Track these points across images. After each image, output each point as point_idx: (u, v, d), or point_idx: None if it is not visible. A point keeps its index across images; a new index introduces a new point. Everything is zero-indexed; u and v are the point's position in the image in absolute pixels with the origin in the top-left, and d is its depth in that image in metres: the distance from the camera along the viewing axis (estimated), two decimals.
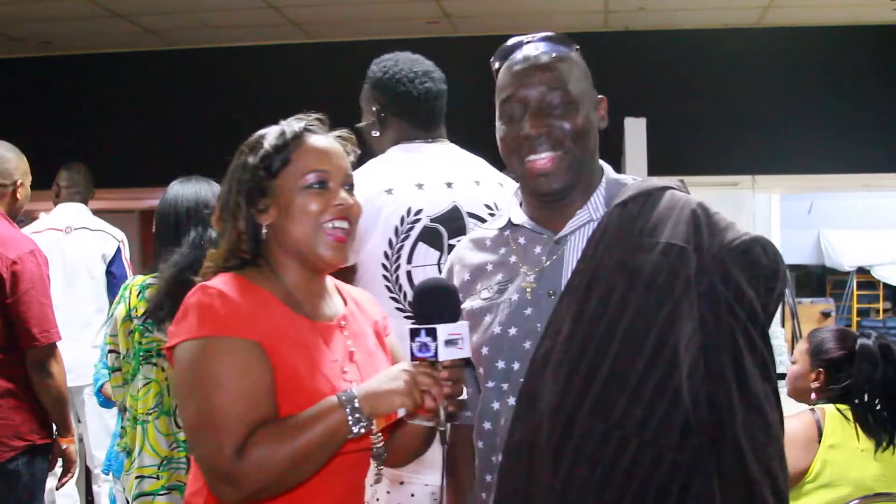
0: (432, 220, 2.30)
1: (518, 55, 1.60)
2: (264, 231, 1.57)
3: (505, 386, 1.58)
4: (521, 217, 1.66)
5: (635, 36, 5.91)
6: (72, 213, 4.45)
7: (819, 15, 5.64)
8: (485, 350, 1.61)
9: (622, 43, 5.79)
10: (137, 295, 2.58)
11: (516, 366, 1.56)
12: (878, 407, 2.73)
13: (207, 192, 2.59)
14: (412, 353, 1.50)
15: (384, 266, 2.30)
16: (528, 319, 1.57)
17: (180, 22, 5.79)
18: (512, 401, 1.55)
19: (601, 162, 1.67)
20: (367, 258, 2.28)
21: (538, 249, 1.62)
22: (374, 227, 2.26)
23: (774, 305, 1.54)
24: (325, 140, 1.61)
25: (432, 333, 1.47)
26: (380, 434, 1.56)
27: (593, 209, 1.60)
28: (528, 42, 1.61)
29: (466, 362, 1.57)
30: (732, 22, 5.78)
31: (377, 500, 2.28)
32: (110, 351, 2.67)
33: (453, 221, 2.31)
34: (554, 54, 1.58)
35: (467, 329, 1.52)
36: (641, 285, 1.48)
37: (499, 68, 1.63)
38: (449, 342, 1.48)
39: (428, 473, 2.26)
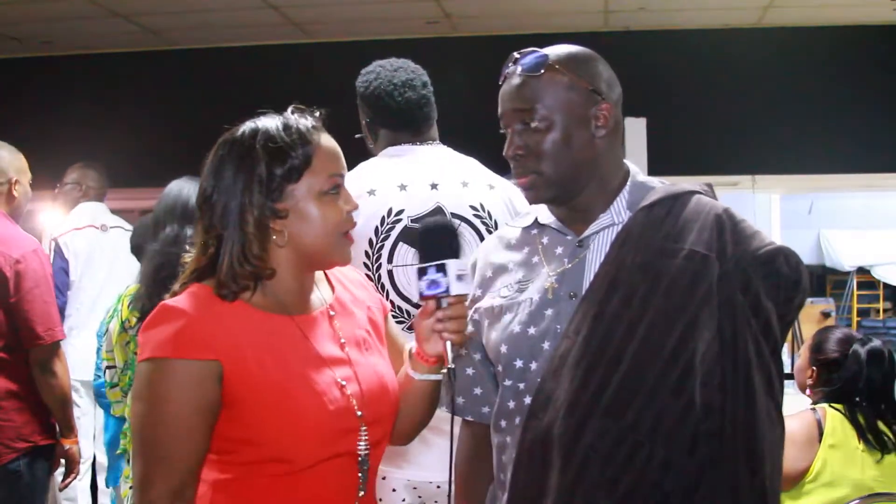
0: (413, 221, 2.31)
1: (504, 72, 1.62)
2: (276, 237, 1.49)
3: (521, 385, 1.59)
4: (547, 217, 1.67)
5: (635, 36, 5.91)
6: (100, 211, 4.49)
7: (819, 15, 5.63)
8: (503, 348, 1.61)
9: (622, 43, 5.79)
10: (129, 305, 2.57)
11: (534, 366, 1.57)
12: (865, 410, 2.75)
13: (190, 191, 2.53)
14: (421, 293, 1.52)
15: (366, 265, 2.32)
16: (547, 320, 1.57)
17: (180, 22, 5.79)
18: (528, 400, 1.55)
19: (628, 164, 1.66)
20: None
21: (560, 250, 1.63)
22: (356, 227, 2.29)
23: (793, 315, 1.54)
24: (330, 139, 1.56)
25: (443, 269, 1.50)
26: (367, 439, 1.55)
27: (616, 213, 1.60)
28: (513, 61, 1.61)
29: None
30: (732, 22, 5.78)
31: None
32: (108, 367, 2.66)
33: None
34: (526, 74, 1.57)
35: (468, 265, 1.54)
36: (663, 290, 1.48)
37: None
38: (458, 277, 1.51)
39: (409, 468, 2.28)
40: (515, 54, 1.61)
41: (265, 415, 1.46)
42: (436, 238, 1.56)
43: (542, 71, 1.56)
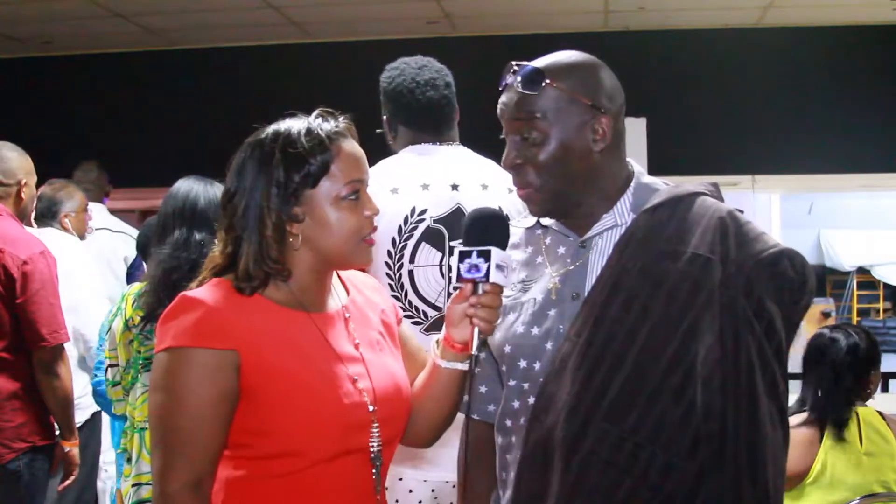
0: (435, 221, 2.32)
1: (503, 82, 1.60)
2: (294, 239, 1.52)
3: (525, 385, 1.59)
4: (549, 219, 1.66)
5: (635, 36, 5.91)
6: (95, 212, 4.45)
7: (819, 15, 5.64)
8: (507, 348, 1.61)
9: (622, 43, 5.79)
10: (133, 304, 2.57)
11: (537, 366, 1.57)
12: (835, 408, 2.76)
13: (198, 193, 2.52)
14: (459, 274, 1.52)
15: (387, 265, 2.30)
16: (551, 320, 1.57)
17: (180, 22, 5.79)
18: (532, 400, 1.55)
19: (633, 165, 1.65)
20: None
21: (563, 250, 1.62)
22: (378, 226, 2.28)
23: (799, 317, 1.53)
24: (353, 144, 1.57)
25: (485, 255, 1.51)
26: (379, 436, 1.56)
27: (619, 214, 1.59)
28: (511, 72, 1.59)
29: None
30: (732, 22, 5.78)
31: None
32: (110, 365, 2.65)
33: (456, 224, 2.30)
34: (522, 89, 1.55)
35: (512, 261, 1.54)
36: (664, 294, 1.47)
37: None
38: (499, 266, 1.51)
39: (427, 469, 2.27)
40: (514, 65, 1.58)
41: (281, 405, 1.47)
42: (484, 225, 1.55)
43: (539, 86, 1.55)
